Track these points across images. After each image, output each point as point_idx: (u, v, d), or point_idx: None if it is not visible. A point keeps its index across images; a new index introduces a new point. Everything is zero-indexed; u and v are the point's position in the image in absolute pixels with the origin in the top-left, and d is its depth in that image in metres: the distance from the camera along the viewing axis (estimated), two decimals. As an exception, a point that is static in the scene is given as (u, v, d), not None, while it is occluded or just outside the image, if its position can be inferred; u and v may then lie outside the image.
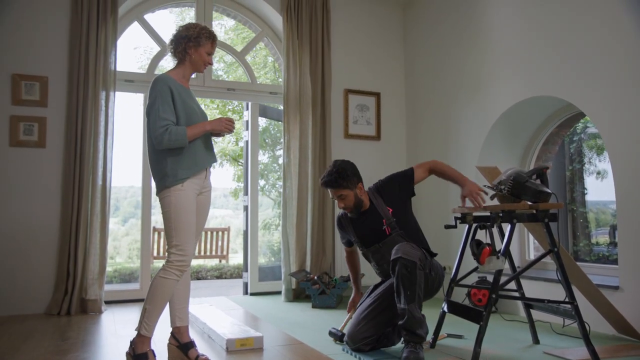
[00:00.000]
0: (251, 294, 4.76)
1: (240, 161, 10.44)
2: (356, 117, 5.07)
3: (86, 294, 3.91)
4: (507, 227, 2.63)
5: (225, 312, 3.77)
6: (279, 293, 4.70)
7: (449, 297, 2.89)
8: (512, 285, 2.93)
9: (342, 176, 2.79)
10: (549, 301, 2.65)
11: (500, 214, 2.64)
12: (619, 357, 2.61)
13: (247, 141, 4.90)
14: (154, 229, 7.87)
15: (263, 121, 7.49)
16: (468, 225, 2.85)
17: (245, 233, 4.91)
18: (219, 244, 9.09)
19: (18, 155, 3.95)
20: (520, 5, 3.88)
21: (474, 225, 2.81)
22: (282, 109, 4.74)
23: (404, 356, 2.45)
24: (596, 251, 4.39)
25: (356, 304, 3.09)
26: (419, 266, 2.51)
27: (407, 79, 5.27)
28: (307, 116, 4.70)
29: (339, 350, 2.78)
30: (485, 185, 2.79)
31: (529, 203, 2.59)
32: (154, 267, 6.24)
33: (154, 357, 2.42)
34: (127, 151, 14.03)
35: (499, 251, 2.58)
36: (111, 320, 3.64)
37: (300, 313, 3.94)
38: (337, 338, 2.90)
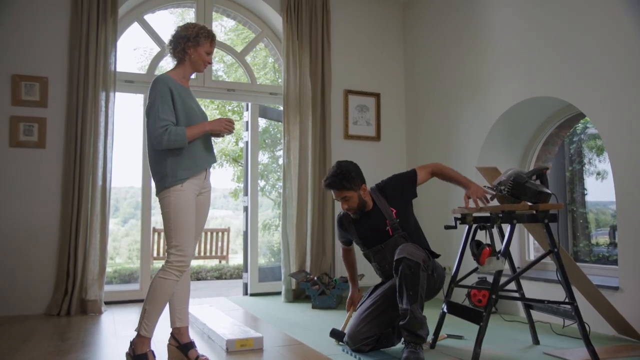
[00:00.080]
0: (251, 295, 4.76)
1: (240, 162, 10.44)
2: (356, 118, 5.07)
3: (86, 295, 3.92)
4: (507, 228, 2.63)
5: (225, 313, 3.77)
6: (278, 294, 4.70)
7: (449, 298, 2.90)
8: (512, 286, 2.93)
9: (347, 178, 2.76)
10: (549, 302, 2.65)
11: (500, 215, 2.64)
12: (619, 358, 2.61)
13: (247, 142, 4.90)
14: (153, 230, 7.87)
15: (263, 122, 7.48)
16: (468, 226, 2.85)
17: (245, 234, 4.91)
18: (219, 244, 9.09)
19: (18, 155, 3.95)
20: (520, 5, 3.88)
21: (474, 225, 2.81)
22: (282, 109, 4.74)
23: (404, 357, 2.45)
24: (596, 252, 4.38)
25: (355, 302, 3.09)
26: (423, 267, 2.50)
27: (407, 80, 5.27)
28: (307, 117, 4.70)
29: (339, 350, 2.78)
30: (485, 186, 2.79)
31: (529, 204, 2.59)
32: (153, 268, 6.24)
33: (154, 358, 2.42)
34: (127, 152, 14.06)
35: (499, 252, 2.58)
36: (111, 320, 3.64)
37: (300, 314, 3.93)
38: (339, 338, 2.90)
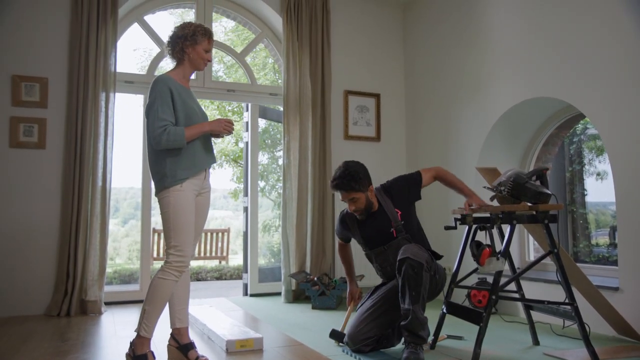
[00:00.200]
0: (251, 295, 4.76)
1: (240, 162, 10.44)
2: (356, 119, 5.07)
3: (86, 295, 3.91)
4: (507, 228, 2.63)
5: (225, 313, 3.77)
6: (278, 294, 4.69)
7: (449, 299, 2.89)
8: (512, 287, 2.93)
9: (355, 179, 2.72)
10: (549, 302, 2.65)
11: (500, 215, 2.64)
12: (619, 358, 2.61)
13: (247, 142, 4.90)
14: (153, 230, 7.87)
15: (263, 122, 7.49)
16: (468, 227, 2.85)
17: (245, 234, 4.90)
18: (219, 245, 9.09)
19: (18, 156, 3.95)
20: (520, 5, 3.88)
21: (474, 226, 2.81)
22: (282, 110, 4.74)
23: (404, 357, 2.45)
24: (596, 252, 4.38)
25: (354, 297, 3.09)
26: (426, 268, 2.50)
27: (407, 80, 5.27)
28: (307, 117, 4.70)
29: (339, 351, 2.78)
30: (485, 187, 2.79)
31: (529, 204, 2.59)
32: (153, 269, 6.23)
33: (154, 358, 2.41)
34: (127, 152, 14.06)
35: (499, 252, 2.58)
36: (111, 321, 3.64)
37: (300, 314, 3.93)
38: (339, 339, 2.90)
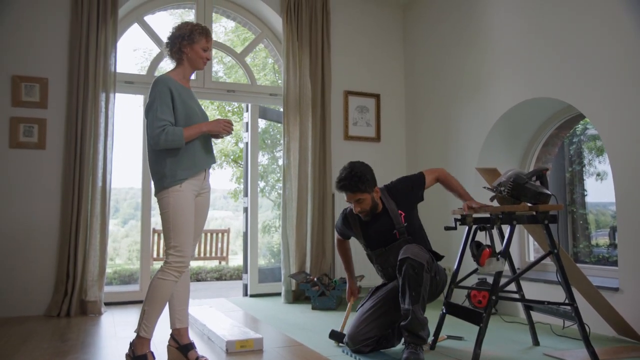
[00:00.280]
0: (251, 296, 4.76)
1: (240, 162, 10.44)
2: (356, 119, 5.07)
3: (86, 296, 3.91)
4: (507, 229, 2.63)
5: (225, 314, 3.77)
6: (278, 295, 4.69)
7: (449, 299, 2.89)
8: (512, 287, 2.92)
9: (362, 180, 2.70)
10: (549, 303, 2.65)
11: (500, 216, 2.64)
12: (619, 359, 2.60)
13: (247, 143, 4.90)
14: (153, 231, 7.86)
15: (263, 123, 7.49)
16: (468, 227, 2.85)
17: (245, 234, 4.90)
18: (219, 245, 9.09)
19: (18, 156, 3.95)
20: (520, 5, 3.88)
21: (474, 226, 2.81)
22: (282, 110, 4.74)
23: (404, 357, 2.45)
24: (596, 253, 4.38)
25: (354, 292, 3.10)
26: (426, 268, 2.50)
27: (407, 80, 5.27)
28: (307, 118, 4.70)
29: (339, 352, 2.78)
30: (485, 187, 2.79)
31: (529, 205, 2.59)
32: (153, 269, 6.22)
33: (154, 359, 2.41)
34: (127, 153, 14.06)
35: (499, 253, 2.58)
36: (111, 321, 3.64)
37: (300, 315, 3.93)
38: (339, 340, 2.89)
